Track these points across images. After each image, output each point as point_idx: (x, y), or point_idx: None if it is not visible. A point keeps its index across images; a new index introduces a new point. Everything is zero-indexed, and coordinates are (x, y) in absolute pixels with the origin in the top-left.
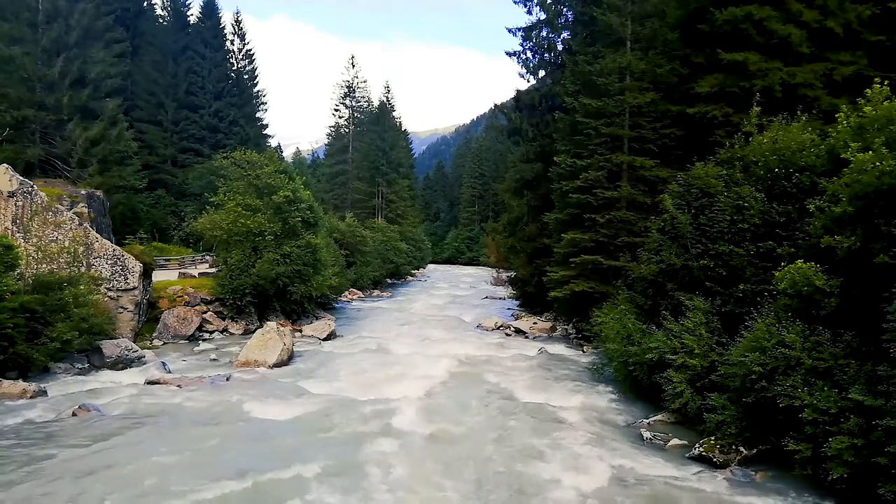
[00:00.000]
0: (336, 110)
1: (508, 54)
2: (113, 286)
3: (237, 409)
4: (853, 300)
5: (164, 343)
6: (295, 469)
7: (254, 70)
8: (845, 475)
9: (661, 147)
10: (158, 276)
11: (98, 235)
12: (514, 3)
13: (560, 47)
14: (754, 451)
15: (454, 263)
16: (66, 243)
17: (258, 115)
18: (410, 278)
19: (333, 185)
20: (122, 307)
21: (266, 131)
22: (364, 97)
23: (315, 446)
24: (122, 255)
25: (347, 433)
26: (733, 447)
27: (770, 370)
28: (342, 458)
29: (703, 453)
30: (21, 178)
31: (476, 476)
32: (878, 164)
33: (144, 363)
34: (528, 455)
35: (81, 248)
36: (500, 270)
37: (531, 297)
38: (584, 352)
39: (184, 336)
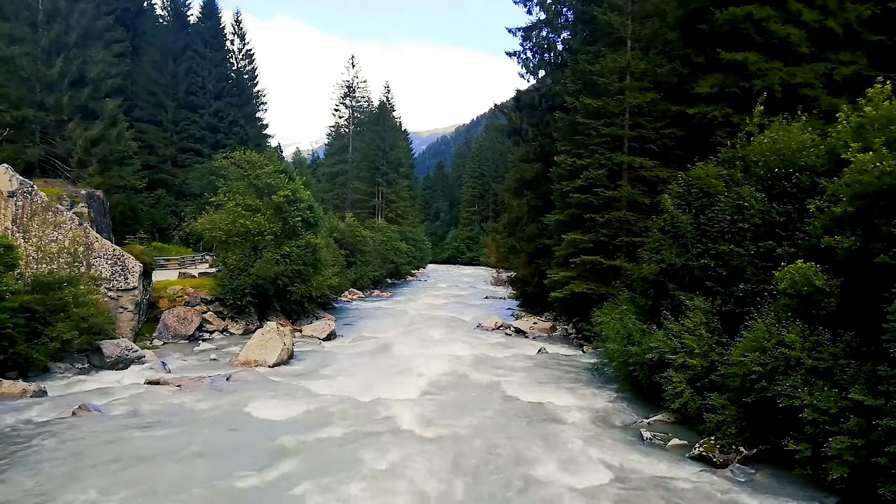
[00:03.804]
0: (336, 110)
1: (508, 54)
2: (113, 286)
3: (237, 408)
4: (853, 300)
5: (164, 343)
6: (295, 469)
7: (254, 70)
8: (845, 475)
9: (661, 147)
10: (158, 276)
11: (98, 235)
12: (514, 3)
13: (560, 47)
14: (754, 450)
15: (454, 263)
16: (66, 243)
17: (258, 115)
18: (410, 278)
19: (333, 185)
20: (122, 307)
21: (266, 131)
22: (364, 97)
23: (315, 446)
24: (122, 255)
25: (347, 433)
26: (733, 447)
27: (770, 370)
28: (342, 457)
29: (703, 453)
30: (21, 178)
31: (475, 475)
32: (878, 164)
33: (144, 363)
34: (527, 455)
35: (81, 248)
36: (500, 270)
37: (531, 297)
38: (584, 352)
39: (184, 336)
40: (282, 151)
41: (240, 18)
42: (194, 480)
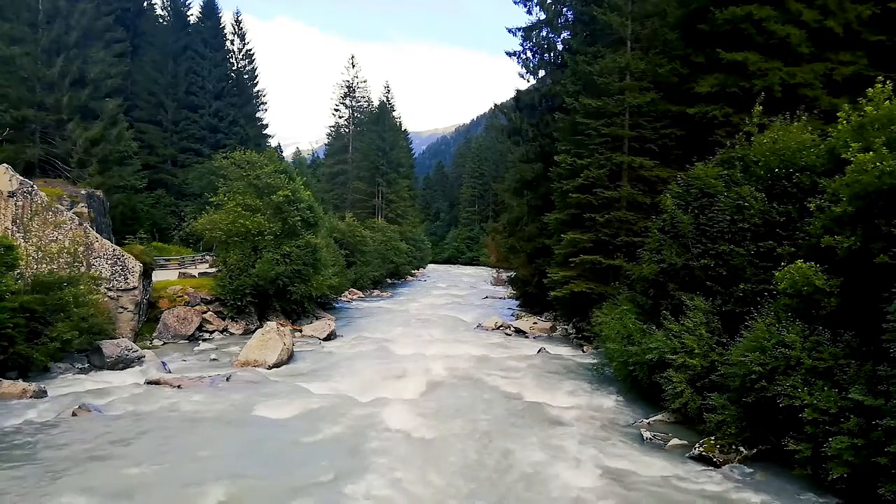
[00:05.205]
0: (336, 110)
1: (508, 54)
2: (113, 286)
3: (237, 409)
4: (853, 300)
5: (164, 343)
6: (294, 469)
7: (254, 70)
8: (845, 475)
9: (661, 147)
10: (158, 276)
11: (98, 235)
12: (514, 3)
13: (560, 47)
14: (754, 450)
15: (454, 263)
16: (66, 243)
17: (258, 115)
18: (410, 278)
19: (333, 185)
20: (122, 307)
21: (266, 131)
22: (364, 97)
23: (314, 446)
24: (122, 255)
25: (346, 433)
26: (733, 447)
27: (770, 370)
28: (341, 457)
29: (703, 453)
30: (21, 178)
31: (474, 476)
32: (878, 164)
33: (144, 363)
34: (526, 454)
35: (81, 248)
36: (500, 270)
37: (531, 297)
38: (584, 352)
39: (184, 336)
40: (282, 151)
41: (240, 18)
42: (193, 481)
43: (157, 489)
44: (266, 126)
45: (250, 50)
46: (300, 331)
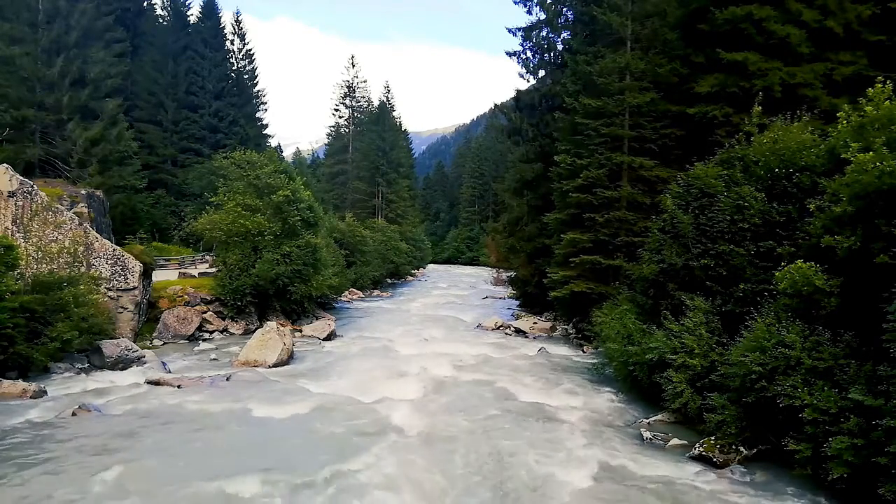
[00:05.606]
0: (336, 110)
1: (508, 54)
2: (113, 286)
3: (237, 408)
4: (853, 300)
5: (164, 343)
6: (294, 469)
7: (254, 70)
8: (845, 475)
9: (661, 147)
10: (158, 276)
11: (98, 235)
12: (514, 3)
13: (560, 47)
14: (754, 450)
15: (454, 263)
16: (66, 243)
17: (258, 115)
18: (410, 278)
19: (333, 185)
20: (122, 307)
21: (266, 131)
22: (364, 97)
23: (314, 446)
24: (122, 255)
25: (346, 433)
26: (733, 447)
27: (770, 370)
28: (341, 457)
29: (703, 453)
30: (21, 178)
31: (475, 476)
32: (878, 164)
33: (144, 363)
34: (527, 455)
35: (81, 248)
36: (500, 270)
37: (531, 297)
38: (584, 352)
39: (184, 336)
40: (282, 151)
41: (240, 18)
42: (194, 480)
43: (159, 488)
44: (266, 126)
45: (250, 50)
46: (300, 331)
